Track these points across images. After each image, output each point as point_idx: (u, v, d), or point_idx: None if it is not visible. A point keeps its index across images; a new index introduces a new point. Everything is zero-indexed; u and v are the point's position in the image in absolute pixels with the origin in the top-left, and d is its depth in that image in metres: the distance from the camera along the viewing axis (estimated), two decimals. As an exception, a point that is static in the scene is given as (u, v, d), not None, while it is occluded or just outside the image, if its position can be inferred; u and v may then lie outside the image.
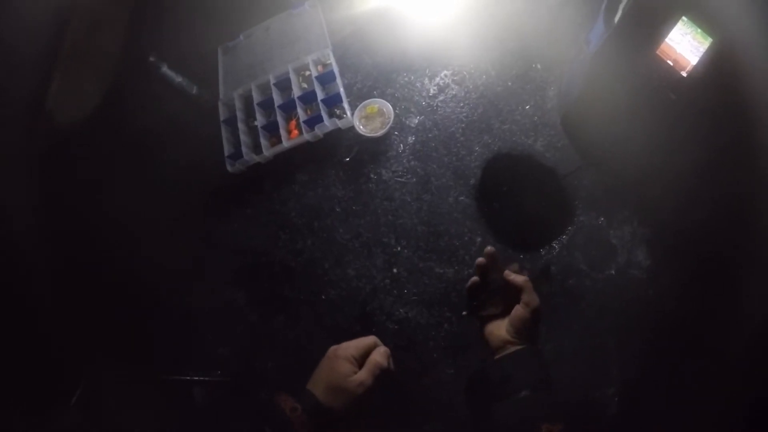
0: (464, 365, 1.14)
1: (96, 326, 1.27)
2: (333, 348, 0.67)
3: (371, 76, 1.43)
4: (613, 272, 1.17)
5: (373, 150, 1.34)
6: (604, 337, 1.13)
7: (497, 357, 0.69)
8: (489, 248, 0.74)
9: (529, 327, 0.68)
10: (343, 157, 1.35)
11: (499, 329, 0.71)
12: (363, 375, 0.62)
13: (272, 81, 1.43)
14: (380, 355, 0.65)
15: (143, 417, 1.16)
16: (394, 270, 1.22)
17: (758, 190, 1.06)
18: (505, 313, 0.72)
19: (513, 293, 0.70)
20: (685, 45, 0.96)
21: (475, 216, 1.22)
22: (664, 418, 1.02)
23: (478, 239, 1.20)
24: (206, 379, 1.27)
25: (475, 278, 0.74)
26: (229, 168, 1.38)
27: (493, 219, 1.22)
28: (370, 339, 0.68)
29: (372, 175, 1.31)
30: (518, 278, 0.70)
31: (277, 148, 1.35)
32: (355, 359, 0.64)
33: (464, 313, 0.74)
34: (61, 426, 1.18)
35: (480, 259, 0.74)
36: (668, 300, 1.13)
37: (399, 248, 1.24)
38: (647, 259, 1.17)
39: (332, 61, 1.41)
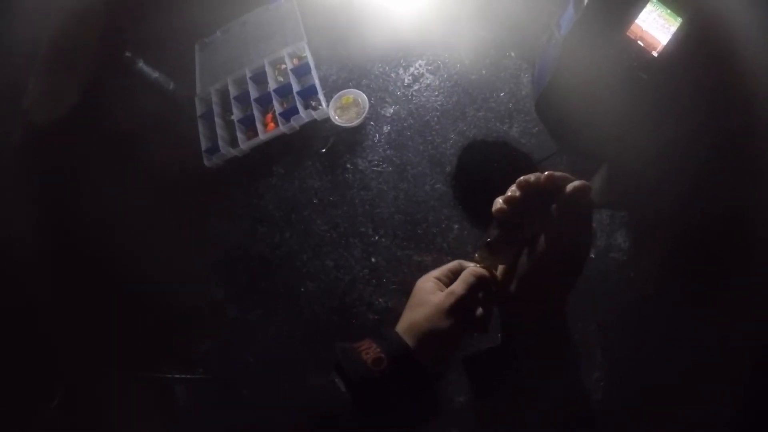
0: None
1: (73, 326, 1.25)
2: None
3: (346, 67, 1.43)
4: (592, 256, 1.16)
5: (349, 140, 1.34)
6: (586, 322, 1.12)
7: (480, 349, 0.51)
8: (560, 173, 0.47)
9: (549, 276, 0.46)
10: (319, 149, 1.35)
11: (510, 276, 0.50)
12: (453, 285, 0.50)
13: (248, 75, 1.43)
14: (475, 268, 0.51)
15: (126, 418, 1.14)
16: (373, 259, 1.21)
17: (734, 168, 1.06)
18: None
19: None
20: (655, 25, 0.97)
21: (452, 203, 1.22)
22: (649, 402, 1.02)
23: (456, 226, 1.20)
24: (188, 376, 1.26)
25: (516, 194, 0.47)
26: (206, 162, 1.38)
27: (469, 206, 1.21)
28: (455, 262, 0.54)
29: (348, 166, 1.31)
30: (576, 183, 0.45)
31: (254, 141, 1.35)
32: (440, 280, 0.52)
33: (478, 254, 0.51)
34: (42, 429, 1.16)
35: (548, 174, 0.47)
36: (649, 282, 1.12)
37: (377, 237, 1.23)
38: (626, 241, 1.17)
39: (307, 53, 1.41)
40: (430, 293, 0.50)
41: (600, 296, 1.13)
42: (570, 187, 0.45)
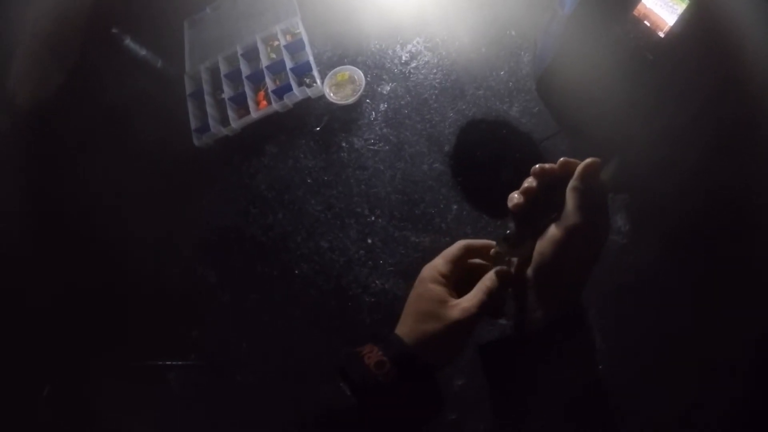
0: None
1: (62, 314, 1.21)
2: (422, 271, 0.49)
3: (341, 44, 1.39)
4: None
5: (345, 118, 1.30)
6: (585, 305, 1.10)
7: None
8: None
9: (557, 267, 0.43)
10: (313, 127, 1.31)
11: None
12: (466, 302, 0.45)
13: (240, 52, 1.38)
14: (492, 279, 0.46)
15: (118, 406, 1.11)
16: (369, 240, 1.18)
17: (736, 152, 1.04)
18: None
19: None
20: (662, 5, 0.94)
21: (451, 183, 1.19)
22: (648, 385, 1.01)
23: (454, 206, 1.17)
24: (181, 363, 1.23)
25: (533, 184, 0.45)
26: (196, 142, 1.33)
27: (468, 186, 1.18)
28: (459, 246, 0.49)
29: (344, 144, 1.27)
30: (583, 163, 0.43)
31: (246, 120, 1.30)
32: (446, 276, 0.48)
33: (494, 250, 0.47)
34: (33, 422, 1.13)
35: (563, 160, 0.44)
36: (648, 265, 1.11)
37: (373, 218, 1.20)
38: (626, 224, 1.15)
39: (301, 29, 1.36)
40: (442, 303, 0.46)
41: (599, 279, 1.10)
42: (580, 166, 0.43)
